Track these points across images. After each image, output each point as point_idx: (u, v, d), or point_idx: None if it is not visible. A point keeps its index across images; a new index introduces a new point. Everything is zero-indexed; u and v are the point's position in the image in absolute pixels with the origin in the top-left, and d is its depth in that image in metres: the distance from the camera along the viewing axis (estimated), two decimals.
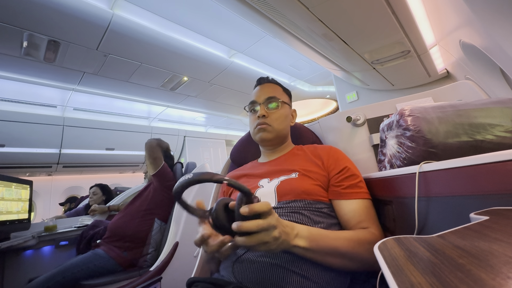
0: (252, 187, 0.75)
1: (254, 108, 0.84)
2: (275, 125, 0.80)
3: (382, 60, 1.90)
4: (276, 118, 0.81)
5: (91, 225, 1.85)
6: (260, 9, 1.32)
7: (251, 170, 0.85)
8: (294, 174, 0.72)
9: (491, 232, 0.26)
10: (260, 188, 0.74)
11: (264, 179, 0.76)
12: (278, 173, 0.76)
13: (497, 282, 0.17)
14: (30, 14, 1.69)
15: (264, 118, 0.80)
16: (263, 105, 0.81)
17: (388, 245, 0.29)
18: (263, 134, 0.80)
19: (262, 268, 0.57)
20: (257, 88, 0.87)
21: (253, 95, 0.86)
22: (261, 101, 0.82)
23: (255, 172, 0.82)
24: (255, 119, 0.82)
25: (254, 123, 0.82)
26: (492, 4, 0.92)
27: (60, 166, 3.80)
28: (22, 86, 2.61)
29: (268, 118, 0.80)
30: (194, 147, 4.76)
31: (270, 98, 0.82)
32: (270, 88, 0.85)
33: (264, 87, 0.86)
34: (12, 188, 1.75)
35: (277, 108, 0.82)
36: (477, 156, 0.40)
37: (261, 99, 0.82)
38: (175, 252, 1.53)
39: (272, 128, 0.80)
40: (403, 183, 0.58)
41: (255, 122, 0.81)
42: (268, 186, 0.73)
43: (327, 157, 0.75)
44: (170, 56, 2.40)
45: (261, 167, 0.83)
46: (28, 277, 1.54)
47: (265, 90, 0.84)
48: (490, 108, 0.58)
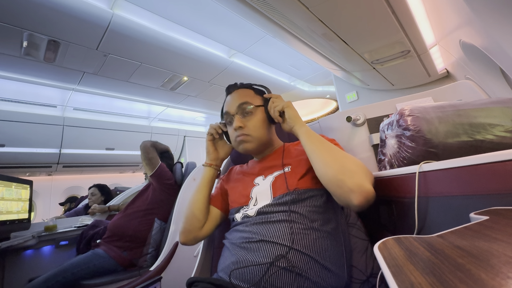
0: (248, 185, 0.76)
1: (230, 120, 0.80)
2: (254, 134, 0.76)
3: (382, 60, 1.90)
4: (253, 126, 0.76)
5: (91, 225, 1.85)
6: (260, 9, 1.32)
7: (248, 168, 0.86)
8: (287, 168, 0.73)
9: (491, 232, 0.26)
10: (256, 187, 0.75)
11: (259, 177, 0.77)
12: (271, 169, 0.76)
13: (497, 282, 0.17)
14: (30, 14, 1.69)
15: (241, 130, 0.76)
16: (238, 115, 0.77)
17: (388, 245, 0.29)
18: (244, 145, 0.77)
19: (260, 269, 0.57)
20: (228, 98, 0.83)
21: (225, 106, 0.81)
22: (233, 111, 0.78)
23: (250, 170, 0.83)
24: (233, 131, 0.78)
25: (233, 135, 0.78)
26: (492, 4, 0.92)
27: (60, 166, 3.81)
28: (22, 86, 2.61)
29: (245, 128, 0.76)
30: (194, 147, 4.76)
31: (241, 104, 0.77)
32: (241, 94, 0.80)
33: (234, 95, 0.81)
34: (12, 188, 1.75)
35: (251, 115, 0.77)
36: (477, 156, 0.40)
37: (233, 108, 0.78)
38: (175, 252, 1.53)
39: (252, 138, 0.76)
40: (403, 183, 0.58)
41: (234, 134, 0.78)
42: (263, 183, 0.74)
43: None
44: (170, 56, 2.39)
45: (255, 165, 0.83)
46: (28, 277, 1.54)
47: (236, 99, 0.79)
48: (490, 108, 0.58)
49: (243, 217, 0.70)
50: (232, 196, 0.81)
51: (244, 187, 0.78)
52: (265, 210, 0.66)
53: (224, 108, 0.82)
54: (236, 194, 0.78)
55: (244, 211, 0.71)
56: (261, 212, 0.66)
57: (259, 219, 0.65)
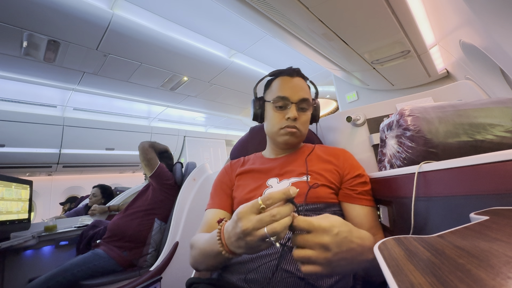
0: (260, 185, 0.72)
1: (284, 105, 0.73)
2: (303, 129, 0.74)
3: (382, 60, 1.90)
4: (304, 122, 0.74)
5: (91, 225, 1.85)
6: (260, 9, 1.32)
7: (258, 165, 0.79)
8: (306, 176, 0.69)
9: (491, 232, 0.26)
10: (269, 188, 0.70)
11: (273, 179, 0.72)
12: (288, 174, 0.72)
13: (497, 282, 0.17)
14: (30, 14, 1.69)
15: (295, 122, 0.71)
16: (296, 105, 0.72)
17: (388, 245, 0.29)
18: (290, 138, 0.73)
19: (267, 271, 0.57)
20: (287, 81, 0.75)
21: (283, 89, 0.73)
22: (295, 99, 0.72)
23: (262, 168, 0.76)
24: (281, 118, 0.72)
25: (281, 123, 0.72)
26: (492, 4, 0.92)
27: (60, 166, 3.80)
28: (22, 86, 2.61)
29: (297, 121, 0.72)
30: (194, 147, 4.76)
31: (304, 100, 0.73)
32: (303, 86, 0.75)
33: (296, 83, 0.74)
34: (12, 188, 1.75)
35: (305, 111, 0.74)
36: (477, 156, 0.40)
37: (295, 98, 0.72)
38: (175, 252, 1.53)
39: (299, 133, 0.73)
40: (403, 183, 0.58)
41: (282, 122, 0.72)
42: (277, 186, 0.70)
43: (343, 160, 0.73)
44: (170, 56, 2.40)
45: (269, 163, 0.78)
46: (28, 277, 1.54)
47: (298, 88, 0.73)
48: (490, 108, 0.58)
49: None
50: (240, 192, 0.74)
51: (256, 187, 0.72)
52: None
53: (281, 90, 0.73)
54: (246, 192, 0.73)
55: None
56: None
57: None
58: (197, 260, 0.58)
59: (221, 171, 0.84)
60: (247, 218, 0.40)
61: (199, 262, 0.58)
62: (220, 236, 0.46)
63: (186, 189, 1.73)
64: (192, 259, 0.61)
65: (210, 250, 0.51)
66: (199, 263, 0.59)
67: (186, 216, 1.65)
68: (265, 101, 0.78)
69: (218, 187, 0.80)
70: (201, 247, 0.56)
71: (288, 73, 0.76)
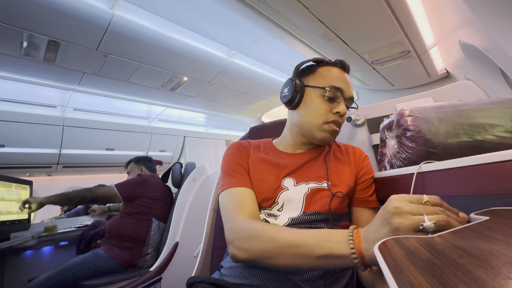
0: (277, 188, 0.66)
1: (334, 98, 0.66)
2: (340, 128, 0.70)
3: (382, 60, 1.90)
4: (343, 120, 0.69)
5: (91, 225, 1.85)
6: (260, 9, 1.32)
7: (273, 157, 0.72)
8: (325, 183, 0.65)
9: (491, 232, 0.26)
10: (285, 191, 0.65)
11: (289, 179, 0.67)
12: (306, 177, 0.67)
13: (497, 282, 0.17)
14: (30, 14, 1.69)
15: (342, 118, 0.67)
16: (347, 102, 0.67)
17: (388, 245, 0.29)
18: (330, 137, 0.67)
19: (267, 274, 0.57)
20: (341, 73, 0.69)
21: (338, 80, 0.66)
22: (347, 96, 0.67)
23: (278, 162, 0.70)
24: (329, 111, 0.66)
25: (327, 116, 0.65)
26: (492, 4, 0.92)
27: (60, 166, 3.80)
28: (22, 86, 2.61)
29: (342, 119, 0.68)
30: (194, 147, 4.75)
31: (352, 99, 0.69)
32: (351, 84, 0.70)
33: (348, 79, 0.69)
34: (12, 188, 1.75)
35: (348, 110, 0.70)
36: (477, 156, 0.40)
37: (348, 93, 0.67)
38: (175, 252, 1.53)
39: (339, 131, 0.69)
40: (403, 183, 0.58)
41: (329, 115, 0.65)
42: (294, 191, 0.65)
43: (361, 162, 0.72)
44: (170, 56, 2.40)
45: (285, 157, 0.71)
46: (28, 277, 1.54)
47: (350, 84, 0.69)
48: (490, 108, 0.58)
49: (264, 221, 0.63)
50: (256, 189, 0.66)
51: (271, 186, 0.66)
52: (294, 224, 0.61)
53: (336, 80, 0.66)
54: (261, 190, 0.66)
55: (267, 214, 0.64)
56: (290, 226, 0.60)
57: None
58: (277, 253, 0.47)
59: (232, 150, 0.74)
60: (403, 201, 0.36)
61: (280, 256, 0.47)
62: (352, 237, 0.41)
63: (186, 190, 1.73)
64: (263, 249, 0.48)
65: (320, 248, 0.43)
66: (280, 257, 0.47)
67: (186, 216, 1.65)
68: (309, 87, 0.68)
69: (237, 164, 0.70)
70: (299, 243, 0.45)
71: (341, 66, 0.70)
